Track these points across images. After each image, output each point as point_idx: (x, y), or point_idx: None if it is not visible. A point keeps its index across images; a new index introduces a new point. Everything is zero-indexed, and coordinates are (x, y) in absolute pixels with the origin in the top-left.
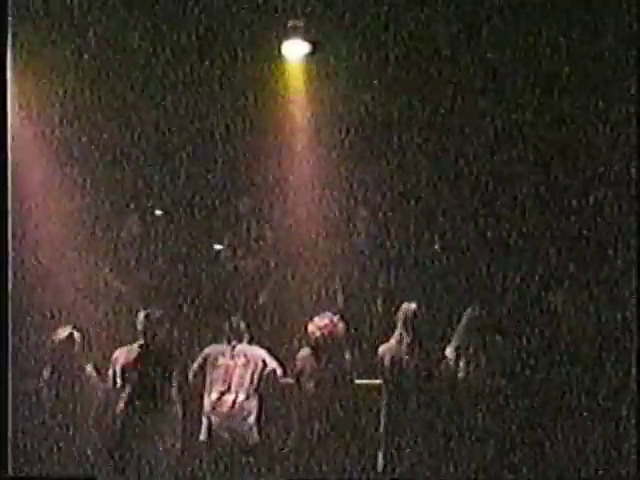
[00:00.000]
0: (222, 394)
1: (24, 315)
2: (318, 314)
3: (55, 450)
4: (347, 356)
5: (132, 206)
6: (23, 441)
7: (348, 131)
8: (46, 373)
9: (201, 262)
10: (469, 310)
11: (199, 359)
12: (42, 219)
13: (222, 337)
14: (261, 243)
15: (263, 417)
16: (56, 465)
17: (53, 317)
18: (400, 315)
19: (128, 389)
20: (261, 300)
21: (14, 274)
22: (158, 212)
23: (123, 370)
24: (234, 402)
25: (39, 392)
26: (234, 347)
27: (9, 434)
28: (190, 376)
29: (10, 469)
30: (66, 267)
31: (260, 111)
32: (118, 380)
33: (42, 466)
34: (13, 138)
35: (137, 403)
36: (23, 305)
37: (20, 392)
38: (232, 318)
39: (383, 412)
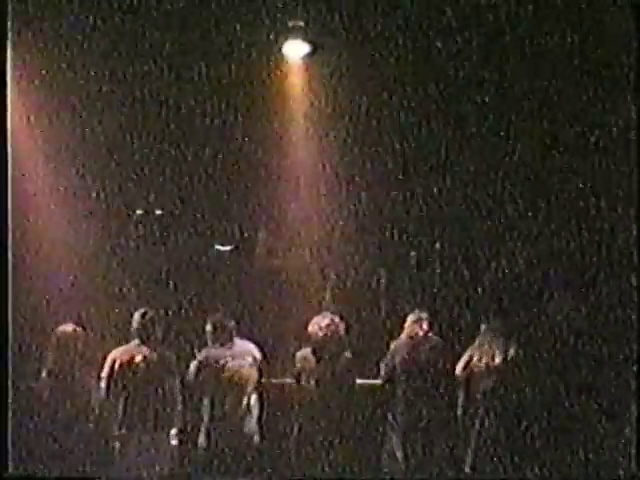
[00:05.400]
0: (222, 395)
1: (24, 315)
2: (318, 314)
3: (55, 450)
4: (348, 356)
5: (132, 206)
6: (23, 441)
7: (349, 131)
8: (46, 372)
9: (202, 262)
10: (485, 323)
11: (195, 362)
12: (42, 218)
13: (212, 335)
14: (261, 243)
15: (264, 417)
16: (56, 465)
17: (53, 316)
18: (408, 319)
19: (124, 390)
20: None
21: (14, 274)
22: (158, 212)
23: (119, 371)
24: (235, 402)
25: (39, 392)
26: (230, 347)
27: (9, 434)
28: (189, 378)
29: (10, 468)
30: (66, 266)
31: (260, 111)
32: (112, 382)
33: (42, 466)
34: (13, 138)
35: (134, 404)
36: (23, 305)
37: (20, 392)
38: (216, 316)
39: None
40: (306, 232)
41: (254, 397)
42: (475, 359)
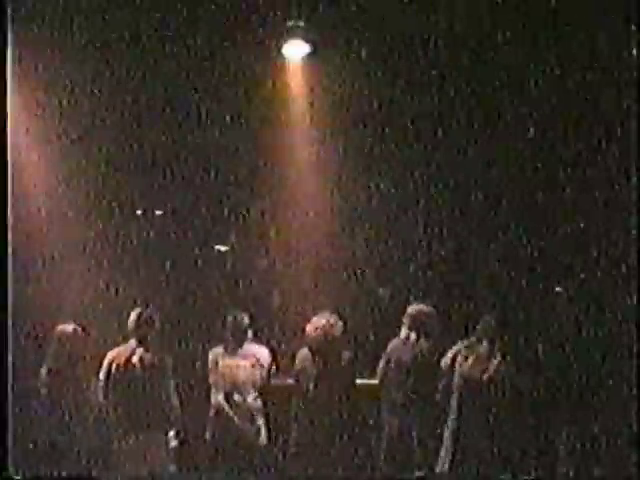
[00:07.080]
0: (229, 395)
1: (24, 315)
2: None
3: (55, 450)
4: (347, 356)
5: (132, 206)
6: (23, 441)
7: (349, 131)
8: (46, 371)
9: (202, 262)
10: (484, 317)
11: (209, 360)
12: (42, 218)
13: (225, 333)
14: (261, 243)
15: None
16: (56, 465)
17: (54, 316)
18: (407, 315)
19: (122, 391)
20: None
21: (14, 273)
22: (158, 212)
23: (116, 371)
24: (241, 403)
25: (39, 391)
26: (240, 346)
27: (9, 434)
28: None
29: (10, 468)
30: (66, 266)
31: (261, 112)
32: (110, 382)
33: (42, 466)
34: (13, 137)
35: (132, 405)
36: (23, 305)
37: (20, 392)
38: (234, 313)
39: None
40: (306, 232)
41: (251, 398)
42: (463, 356)
